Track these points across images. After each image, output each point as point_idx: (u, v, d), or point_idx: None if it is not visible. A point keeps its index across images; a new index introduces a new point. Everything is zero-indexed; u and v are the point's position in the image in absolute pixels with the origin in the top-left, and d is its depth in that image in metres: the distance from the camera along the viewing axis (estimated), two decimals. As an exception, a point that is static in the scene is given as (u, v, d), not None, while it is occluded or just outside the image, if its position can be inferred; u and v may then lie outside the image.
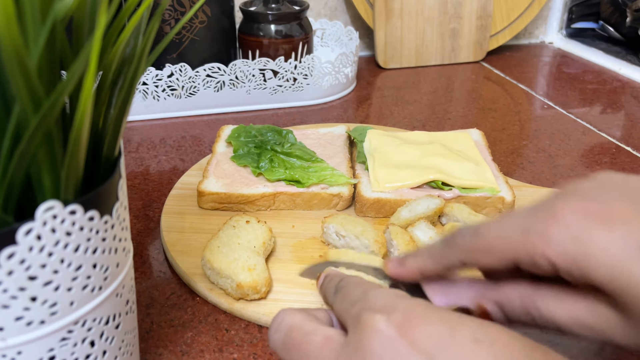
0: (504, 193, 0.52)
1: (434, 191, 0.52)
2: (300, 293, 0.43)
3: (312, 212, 0.53)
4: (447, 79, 0.94)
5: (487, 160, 0.58)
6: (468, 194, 0.52)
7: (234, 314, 0.42)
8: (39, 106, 0.21)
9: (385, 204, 0.52)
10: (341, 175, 0.54)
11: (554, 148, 0.69)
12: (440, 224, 0.51)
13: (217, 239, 0.45)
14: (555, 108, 0.82)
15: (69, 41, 0.25)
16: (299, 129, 0.65)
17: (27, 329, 0.24)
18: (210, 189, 0.53)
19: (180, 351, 0.39)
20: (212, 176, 0.55)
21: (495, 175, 0.55)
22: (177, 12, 0.73)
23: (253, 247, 0.44)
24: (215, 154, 0.59)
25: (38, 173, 0.23)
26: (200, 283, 0.44)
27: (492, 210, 0.52)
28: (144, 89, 0.74)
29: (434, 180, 0.52)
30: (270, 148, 0.57)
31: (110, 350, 0.29)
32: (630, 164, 0.66)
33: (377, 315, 0.27)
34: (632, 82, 0.93)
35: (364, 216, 0.53)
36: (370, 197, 0.52)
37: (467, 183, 0.52)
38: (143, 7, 0.26)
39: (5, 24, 0.19)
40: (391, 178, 0.53)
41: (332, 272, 0.36)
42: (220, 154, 0.59)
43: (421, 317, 0.27)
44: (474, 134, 0.63)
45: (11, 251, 0.22)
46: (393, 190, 0.52)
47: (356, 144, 0.60)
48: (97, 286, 0.26)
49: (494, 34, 1.03)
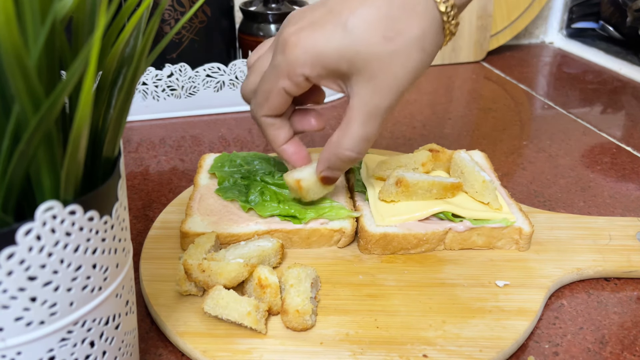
0: (520, 223, 0.47)
1: (443, 223, 0.47)
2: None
3: (311, 251, 0.47)
4: (447, 79, 0.94)
5: (496, 185, 0.52)
6: (481, 225, 0.47)
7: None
8: (38, 106, 0.21)
9: (393, 239, 0.46)
10: (341, 207, 0.48)
11: (554, 148, 0.69)
12: None
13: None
14: (555, 108, 0.82)
15: (68, 41, 0.25)
16: None
17: (27, 330, 0.24)
18: (195, 229, 0.46)
19: (180, 351, 0.39)
20: (197, 213, 0.48)
21: (508, 202, 0.50)
22: (177, 12, 0.73)
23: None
24: (198, 187, 0.52)
25: (37, 173, 0.23)
26: (191, 345, 0.38)
27: (508, 242, 0.47)
28: (144, 89, 0.74)
29: (443, 211, 0.47)
30: (260, 179, 0.51)
31: (110, 351, 0.29)
32: (630, 164, 0.66)
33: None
34: (632, 82, 0.93)
35: (369, 254, 0.47)
36: (376, 232, 0.46)
37: (478, 214, 0.47)
38: (143, 7, 0.26)
39: (5, 24, 0.19)
40: (396, 210, 0.48)
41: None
42: (203, 187, 0.52)
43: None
44: (476, 156, 0.58)
45: (11, 251, 0.22)
46: (400, 223, 0.47)
47: (353, 170, 0.54)
48: (97, 286, 0.26)
49: (494, 34, 1.03)
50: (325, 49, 0.39)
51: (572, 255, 0.47)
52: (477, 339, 0.38)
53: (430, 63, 0.41)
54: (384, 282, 0.44)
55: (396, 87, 0.40)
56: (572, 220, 0.51)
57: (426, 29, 0.39)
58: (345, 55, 0.39)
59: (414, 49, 0.39)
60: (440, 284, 0.44)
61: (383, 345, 0.38)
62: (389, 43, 0.38)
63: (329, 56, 0.39)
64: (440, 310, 0.41)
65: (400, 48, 0.38)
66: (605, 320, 0.42)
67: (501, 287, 0.43)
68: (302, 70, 0.39)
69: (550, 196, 0.59)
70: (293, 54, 0.39)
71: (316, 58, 0.39)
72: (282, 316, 0.39)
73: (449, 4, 0.39)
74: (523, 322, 0.40)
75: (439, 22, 0.39)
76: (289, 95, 0.42)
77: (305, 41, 0.39)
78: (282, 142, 0.45)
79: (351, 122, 0.41)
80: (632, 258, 0.47)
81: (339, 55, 0.39)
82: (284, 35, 0.40)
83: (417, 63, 0.39)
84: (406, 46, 0.38)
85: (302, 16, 0.41)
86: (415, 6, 0.38)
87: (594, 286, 0.45)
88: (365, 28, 0.38)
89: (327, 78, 0.41)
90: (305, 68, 0.39)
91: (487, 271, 0.45)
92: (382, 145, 0.70)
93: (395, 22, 0.38)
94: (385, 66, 0.39)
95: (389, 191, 0.48)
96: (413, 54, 0.39)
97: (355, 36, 0.38)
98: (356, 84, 0.40)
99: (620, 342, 0.40)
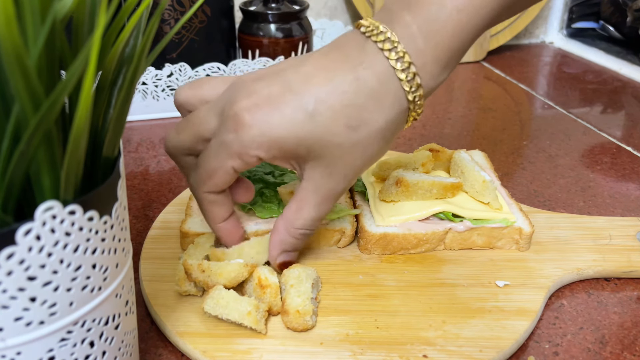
0: (521, 223, 0.47)
1: (444, 223, 0.47)
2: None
3: (310, 251, 0.47)
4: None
5: (496, 185, 0.52)
6: (481, 225, 0.47)
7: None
8: (38, 106, 0.21)
9: (393, 239, 0.46)
10: (342, 208, 0.49)
11: (554, 148, 0.69)
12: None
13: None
14: (555, 108, 0.82)
15: (68, 41, 0.25)
16: None
17: (27, 330, 0.24)
18: (195, 229, 0.46)
19: (180, 351, 0.39)
20: (196, 213, 0.48)
21: (508, 202, 0.50)
22: (177, 12, 0.73)
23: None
24: None
25: (37, 173, 0.23)
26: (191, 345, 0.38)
27: (508, 242, 0.48)
28: (144, 88, 0.74)
29: (443, 211, 0.47)
30: (259, 179, 0.51)
31: (110, 351, 0.29)
32: (630, 164, 0.66)
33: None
34: (632, 81, 0.93)
35: (369, 254, 0.47)
36: (376, 232, 0.46)
37: (479, 214, 0.47)
38: (142, 6, 0.26)
39: (5, 24, 0.19)
40: (395, 210, 0.48)
41: None
42: None
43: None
44: (476, 156, 0.58)
45: (10, 251, 0.22)
46: (399, 223, 0.47)
47: None
48: (97, 286, 0.26)
49: (494, 34, 1.03)
50: (284, 134, 0.36)
51: (572, 255, 0.47)
52: (477, 339, 0.38)
53: (388, 149, 0.40)
54: (384, 282, 0.44)
55: (352, 174, 0.39)
56: (572, 220, 0.51)
57: (391, 119, 0.37)
58: (304, 142, 0.36)
59: (376, 139, 0.38)
60: (440, 284, 0.44)
61: (383, 346, 0.38)
62: (352, 133, 0.36)
63: (288, 141, 0.36)
64: (440, 310, 0.41)
65: (362, 139, 0.37)
66: (605, 320, 0.42)
67: (501, 287, 0.43)
68: (256, 152, 0.36)
69: (550, 196, 0.59)
70: (248, 135, 0.36)
71: (274, 142, 0.36)
72: (282, 316, 0.39)
73: (417, 94, 0.37)
74: (523, 322, 0.40)
75: (405, 111, 0.38)
76: (236, 173, 0.39)
77: (262, 123, 0.36)
78: (221, 220, 0.42)
79: (304, 204, 0.40)
80: (632, 258, 0.47)
81: (298, 141, 0.36)
82: (236, 110, 0.36)
83: (376, 152, 0.38)
84: (369, 137, 0.37)
85: (255, 89, 0.37)
86: (384, 97, 0.37)
87: (594, 286, 0.45)
88: (328, 116, 0.36)
89: (282, 160, 0.38)
90: (260, 151, 0.36)
91: (487, 271, 0.45)
92: (382, 145, 0.70)
93: (361, 111, 0.36)
94: (345, 155, 0.37)
95: (389, 191, 0.48)
96: (374, 144, 0.38)
97: (317, 124, 0.36)
98: (311, 168, 0.38)
99: (620, 342, 0.40)
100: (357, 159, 0.38)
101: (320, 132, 0.36)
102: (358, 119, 0.36)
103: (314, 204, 0.40)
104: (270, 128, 0.36)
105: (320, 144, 0.36)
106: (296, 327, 0.38)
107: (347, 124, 0.36)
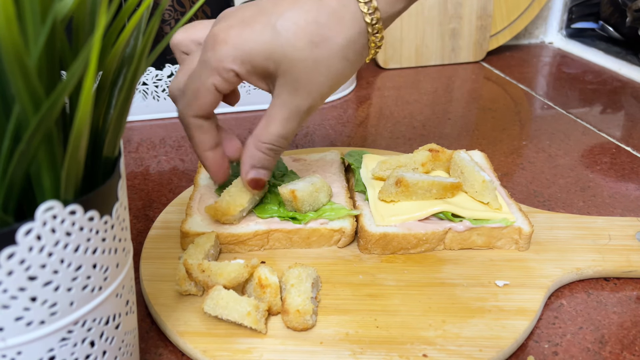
0: (520, 223, 0.47)
1: (443, 223, 0.47)
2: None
3: (311, 251, 0.47)
4: (447, 79, 0.94)
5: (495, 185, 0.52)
6: (481, 225, 0.47)
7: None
8: (38, 106, 0.21)
9: (393, 239, 0.46)
10: (341, 207, 0.48)
11: (554, 148, 0.69)
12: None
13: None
14: (555, 108, 0.82)
15: (69, 41, 0.25)
16: (288, 155, 0.59)
17: (27, 329, 0.24)
18: (195, 229, 0.46)
19: (180, 351, 0.39)
20: (197, 213, 0.48)
21: (508, 202, 0.50)
22: (177, 12, 0.73)
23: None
24: (198, 187, 0.52)
25: (38, 173, 0.23)
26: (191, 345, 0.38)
27: (508, 242, 0.48)
28: (144, 89, 0.74)
29: (443, 211, 0.47)
30: None
31: (110, 351, 0.29)
32: (630, 164, 0.66)
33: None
34: (632, 82, 0.93)
35: (369, 253, 0.47)
36: (376, 232, 0.46)
37: (478, 214, 0.47)
38: (143, 7, 0.26)
39: (5, 24, 0.19)
40: (395, 210, 0.48)
41: None
42: (203, 187, 0.52)
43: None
44: (476, 156, 0.58)
45: (11, 251, 0.22)
46: (399, 223, 0.47)
47: (353, 170, 0.54)
48: (97, 286, 0.26)
49: (494, 34, 1.03)
50: (254, 48, 0.39)
51: (571, 255, 0.47)
52: (476, 338, 0.38)
53: (353, 73, 0.42)
54: (384, 282, 0.44)
55: (317, 92, 0.41)
56: (571, 220, 0.51)
57: (351, 38, 0.40)
58: (272, 56, 0.40)
59: (337, 57, 0.40)
60: (440, 284, 0.44)
61: (383, 345, 0.38)
62: (315, 49, 0.39)
63: (257, 55, 0.40)
64: (440, 310, 0.41)
65: (324, 55, 0.40)
66: (605, 320, 0.42)
67: (501, 287, 0.43)
68: (231, 66, 0.40)
69: (549, 196, 0.59)
70: (222, 50, 0.40)
71: (245, 55, 0.40)
72: (282, 316, 0.39)
73: (374, 17, 0.40)
74: (523, 322, 0.40)
75: (364, 33, 0.41)
76: (218, 92, 0.42)
77: (234, 38, 0.40)
78: (208, 147, 0.45)
79: (271, 120, 0.42)
80: (632, 258, 0.47)
81: (267, 55, 0.40)
82: (214, 32, 0.41)
83: (339, 71, 0.41)
84: (330, 53, 0.40)
85: (233, 14, 0.41)
86: (343, 15, 0.40)
87: (594, 286, 0.45)
88: (293, 31, 0.39)
89: (256, 76, 0.41)
90: (234, 64, 0.40)
91: (487, 271, 0.45)
92: (382, 145, 0.70)
93: (322, 29, 0.39)
94: (309, 71, 0.40)
95: (389, 191, 0.48)
96: (336, 62, 0.40)
97: (283, 38, 0.39)
98: (280, 86, 0.41)
99: (620, 342, 0.40)
100: (320, 74, 0.40)
101: (285, 46, 0.39)
102: (320, 35, 0.39)
103: (280, 119, 0.42)
104: (242, 42, 0.40)
105: (286, 59, 0.40)
106: (296, 327, 0.38)
107: (310, 40, 0.39)
